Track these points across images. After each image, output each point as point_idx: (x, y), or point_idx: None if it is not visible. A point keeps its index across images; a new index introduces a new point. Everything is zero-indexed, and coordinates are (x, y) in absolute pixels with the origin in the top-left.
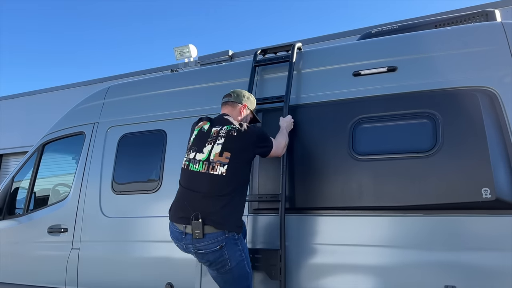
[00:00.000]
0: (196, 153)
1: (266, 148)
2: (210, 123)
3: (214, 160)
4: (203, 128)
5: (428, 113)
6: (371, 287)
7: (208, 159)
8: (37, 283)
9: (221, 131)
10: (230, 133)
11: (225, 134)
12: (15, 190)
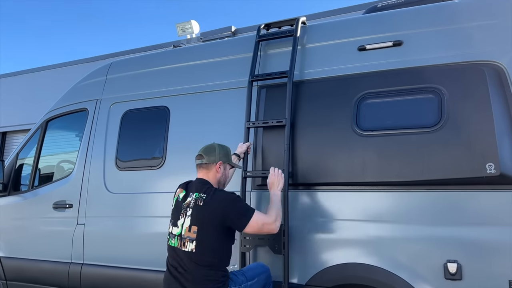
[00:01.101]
0: (172, 227)
1: (241, 221)
2: (185, 191)
3: (185, 236)
4: (179, 197)
5: (433, 88)
6: (373, 261)
7: (181, 234)
8: (44, 257)
9: (191, 200)
10: (197, 203)
11: (193, 204)
12: (20, 166)
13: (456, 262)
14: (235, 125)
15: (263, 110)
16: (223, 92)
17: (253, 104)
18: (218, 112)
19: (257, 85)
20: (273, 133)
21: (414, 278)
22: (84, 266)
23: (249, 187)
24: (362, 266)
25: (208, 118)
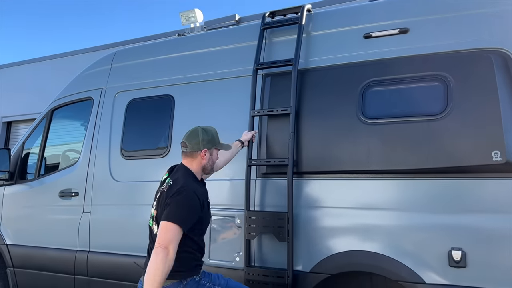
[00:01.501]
0: (152, 208)
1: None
2: (168, 174)
3: (154, 218)
4: (162, 179)
5: (439, 75)
6: (377, 249)
7: (153, 216)
8: (50, 245)
9: (165, 184)
10: (164, 189)
11: (162, 189)
12: (26, 155)
13: (460, 249)
14: (240, 114)
15: (268, 99)
16: (228, 80)
17: (258, 92)
18: (223, 101)
19: (262, 73)
20: (278, 121)
21: (418, 265)
22: (90, 253)
23: (254, 175)
24: (366, 253)
25: (213, 107)
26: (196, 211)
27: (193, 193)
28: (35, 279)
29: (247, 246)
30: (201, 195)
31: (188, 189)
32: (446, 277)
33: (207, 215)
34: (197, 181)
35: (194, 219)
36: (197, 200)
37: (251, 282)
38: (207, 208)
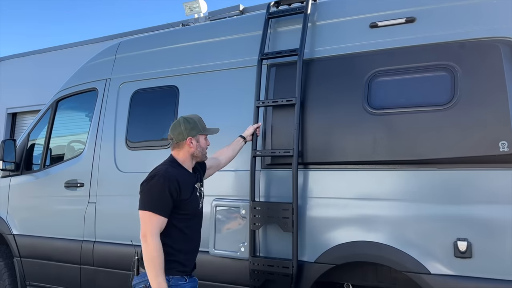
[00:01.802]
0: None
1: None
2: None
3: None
4: None
5: (446, 65)
6: (383, 239)
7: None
8: (56, 235)
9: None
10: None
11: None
12: (31, 146)
13: (466, 240)
14: (245, 104)
15: (272, 89)
16: (232, 71)
17: (262, 83)
18: (227, 91)
19: (267, 64)
20: (283, 112)
21: (423, 256)
22: (96, 243)
23: (259, 166)
24: (371, 244)
25: (217, 97)
26: (167, 194)
27: (164, 177)
28: (41, 268)
29: (252, 236)
30: (180, 180)
31: (158, 174)
32: (451, 268)
33: (191, 202)
34: (179, 167)
35: (167, 202)
36: (170, 184)
37: (256, 272)
38: (190, 194)
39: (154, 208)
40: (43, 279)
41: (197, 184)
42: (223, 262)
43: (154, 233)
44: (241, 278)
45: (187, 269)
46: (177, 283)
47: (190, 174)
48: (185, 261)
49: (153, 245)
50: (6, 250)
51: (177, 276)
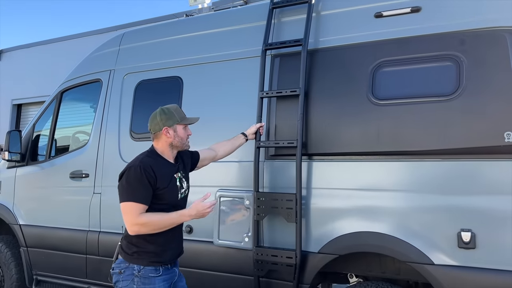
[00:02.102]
0: None
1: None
2: None
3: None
4: None
5: (452, 55)
6: (386, 230)
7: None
8: (62, 225)
9: None
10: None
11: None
12: (36, 137)
13: (470, 231)
14: (249, 95)
15: (276, 80)
16: (236, 61)
17: (266, 73)
18: (231, 82)
19: (271, 54)
20: (287, 102)
21: (427, 246)
22: (101, 234)
23: (262, 157)
24: (375, 234)
25: (221, 88)
26: (146, 183)
27: (140, 167)
28: (48, 258)
29: (255, 227)
30: (155, 169)
31: (134, 165)
32: (455, 258)
33: (168, 192)
34: (157, 157)
35: (146, 190)
36: (146, 172)
37: (260, 262)
38: (167, 183)
39: (135, 198)
40: (49, 269)
41: (177, 174)
42: (227, 252)
43: (137, 216)
44: (245, 268)
45: (162, 260)
46: (147, 275)
47: (168, 164)
48: (160, 252)
49: (143, 220)
50: (12, 240)
51: (149, 267)
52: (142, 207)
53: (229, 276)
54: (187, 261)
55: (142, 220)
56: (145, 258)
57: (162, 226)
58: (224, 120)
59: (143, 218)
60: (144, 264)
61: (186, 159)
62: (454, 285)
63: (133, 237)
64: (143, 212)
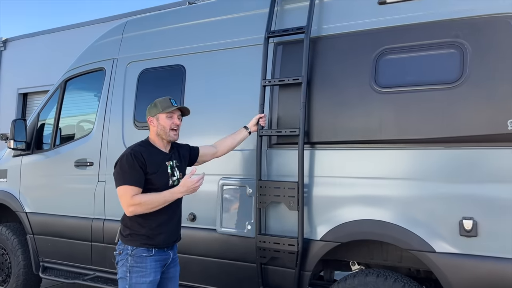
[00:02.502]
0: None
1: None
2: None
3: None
4: None
5: (455, 42)
6: (388, 218)
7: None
8: (67, 213)
9: None
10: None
11: None
12: (41, 126)
13: (472, 219)
14: (251, 83)
15: (279, 68)
16: (239, 49)
17: (269, 61)
18: (234, 70)
19: (274, 42)
20: (290, 91)
21: (429, 234)
22: (106, 221)
23: (265, 146)
24: (377, 222)
25: (223, 76)
26: (138, 167)
27: (131, 154)
28: (54, 245)
29: (258, 214)
30: (145, 155)
31: (126, 154)
32: (456, 246)
33: (158, 177)
34: (149, 146)
35: (139, 174)
36: (136, 158)
37: (262, 250)
38: (156, 169)
39: (128, 181)
40: (56, 256)
41: (168, 162)
42: (230, 240)
43: (131, 198)
44: (247, 255)
45: (154, 243)
46: (140, 254)
47: (160, 152)
48: (152, 235)
49: (137, 200)
50: (19, 227)
51: (140, 247)
52: (135, 189)
53: (231, 263)
54: (190, 248)
55: (137, 200)
56: (138, 240)
57: (155, 204)
58: (227, 108)
59: (137, 198)
60: (136, 245)
61: (183, 152)
62: (455, 272)
63: (127, 221)
64: (137, 193)
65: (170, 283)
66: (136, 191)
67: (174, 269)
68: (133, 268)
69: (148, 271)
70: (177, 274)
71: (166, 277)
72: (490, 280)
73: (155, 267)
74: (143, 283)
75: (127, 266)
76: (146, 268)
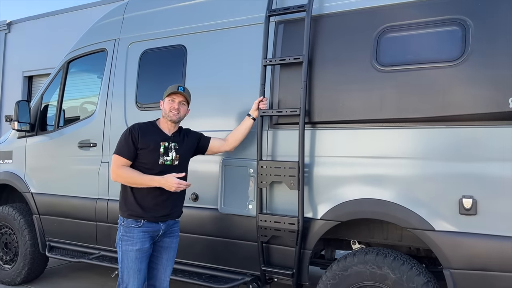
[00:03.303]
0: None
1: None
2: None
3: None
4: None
5: (458, 19)
6: (388, 197)
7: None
8: (72, 194)
9: None
10: None
11: None
12: (45, 107)
13: (471, 197)
14: (252, 63)
15: (280, 47)
16: (240, 29)
17: (270, 40)
18: (234, 50)
19: (275, 21)
20: (291, 70)
21: (428, 213)
22: (110, 201)
23: (266, 126)
24: (377, 201)
25: (224, 56)
26: (130, 141)
27: (130, 129)
28: (59, 225)
29: (259, 194)
30: (142, 131)
31: (127, 128)
32: (456, 225)
33: (149, 153)
34: (152, 125)
35: (129, 147)
36: (132, 133)
37: (263, 228)
38: (148, 145)
39: (118, 152)
40: (61, 235)
41: (164, 142)
42: (231, 219)
43: (118, 167)
44: (249, 234)
45: (140, 215)
46: (128, 225)
47: (160, 132)
48: (136, 209)
49: (121, 172)
50: (25, 207)
51: (129, 219)
52: (123, 160)
53: (233, 242)
54: (193, 228)
55: (119, 171)
56: (126, 211)
57: (133, 181)
58: (227, 88)
59: (120, 170)
60: (125, 216)
61: (190, 137)
62: (454, 250)
63: (122, 195)
64: (125, 165)
65: (164, 252)
66: (124, 163)
67: (170, 240)
68: (123, 236)
69: (135, 241)
70: (173, 245)
71: (161, 246)
72: (488, 258)
73: (142, 238)
74: (131, 251)
75: (120, 235)
76: (133, 238)
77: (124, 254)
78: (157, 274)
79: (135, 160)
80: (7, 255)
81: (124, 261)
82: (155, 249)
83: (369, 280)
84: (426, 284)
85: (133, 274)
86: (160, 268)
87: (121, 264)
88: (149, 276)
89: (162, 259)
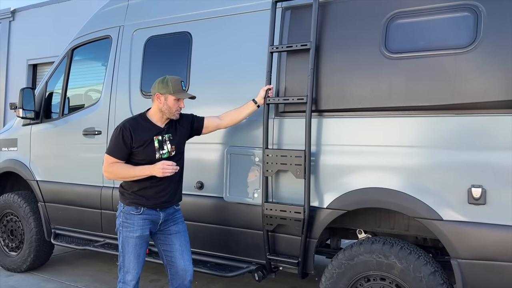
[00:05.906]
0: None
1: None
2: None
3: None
4: None
5: (469, 5)
6: (396, 186)
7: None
8: (77, 181)
9: None
10: None
11: None
12: (50, 95)
13: (481, 187)
14: (259, 50)
15: (287, 33)
16: (246, 15)
17: (277, 27)
18: (241, 37)
19: (282, 7)
20: (298, 57)
21: (436, 202)
22: (115, 189)
23: (272, 114)
24: (384, 190)
25: (230, 43)
26: (121, 141)
27: (121, 128)
28: (64, 213)
29: (265, 183)
30: (134, 130)
31: (118, 126)
32: (464, 214)
33: (144, 151)
34: (142, 120)
35: (121, 148)
36: (123, 133)
37: (269, 217)
38: (142, 143)
39: (110, 151)
40: (66, 223)
41: (157, 137)
42: (237, 208)
43: (109, 165)
44: (254, 222)
45: (140, 202)
46: (129, 212)
47: (152, 127)
48: (136, 198)
49: (112, 169)
50: (31, 195)
51: (129, 206)
52: (114, 160)
53: (239, 230)
54: (198, 216)
55: (110, 169)
56: (126, 198)
57: (124, 176)
58: (233, 75)
59: (111, 167)
60: (125, 203)
61: (182, 123)
62: (462, 240)
63: (122, 184)
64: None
65: (175, 238)
66: (114, 161)
67: (176, 226)
68: (123, 223)
69: (135, 228)
70: (181, 230)
71: (170, 234)
72: (497, 248)
73: (142, 225)
74: (131, 238)
75: (120, 221)
76: (134, 225)
77: (124, 240)
78: (176, 261)
79: (131, 158)
80: (13, 242)
81: (125, 246)
82: (165, 240)
83: (376, 269)
84: (433, 274)
85: (133, 259)
86: (177, 255)
87: (122, 249)
88: (170, 268)
89: (175, 246)
